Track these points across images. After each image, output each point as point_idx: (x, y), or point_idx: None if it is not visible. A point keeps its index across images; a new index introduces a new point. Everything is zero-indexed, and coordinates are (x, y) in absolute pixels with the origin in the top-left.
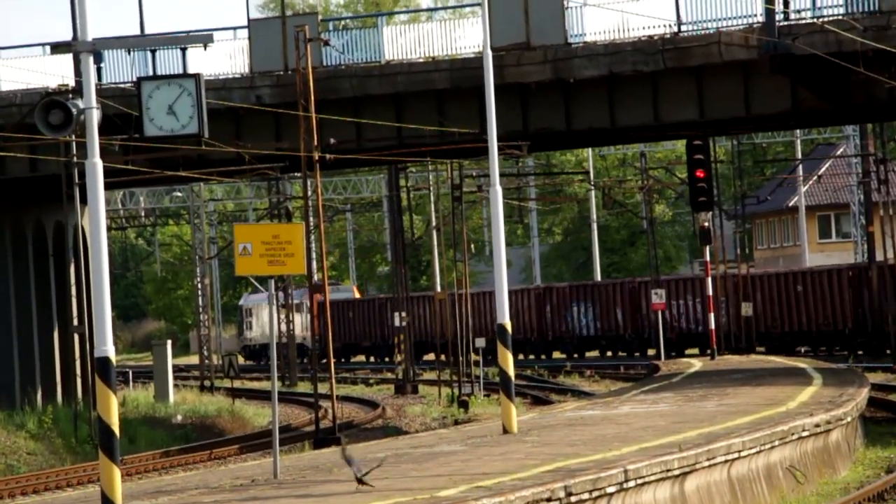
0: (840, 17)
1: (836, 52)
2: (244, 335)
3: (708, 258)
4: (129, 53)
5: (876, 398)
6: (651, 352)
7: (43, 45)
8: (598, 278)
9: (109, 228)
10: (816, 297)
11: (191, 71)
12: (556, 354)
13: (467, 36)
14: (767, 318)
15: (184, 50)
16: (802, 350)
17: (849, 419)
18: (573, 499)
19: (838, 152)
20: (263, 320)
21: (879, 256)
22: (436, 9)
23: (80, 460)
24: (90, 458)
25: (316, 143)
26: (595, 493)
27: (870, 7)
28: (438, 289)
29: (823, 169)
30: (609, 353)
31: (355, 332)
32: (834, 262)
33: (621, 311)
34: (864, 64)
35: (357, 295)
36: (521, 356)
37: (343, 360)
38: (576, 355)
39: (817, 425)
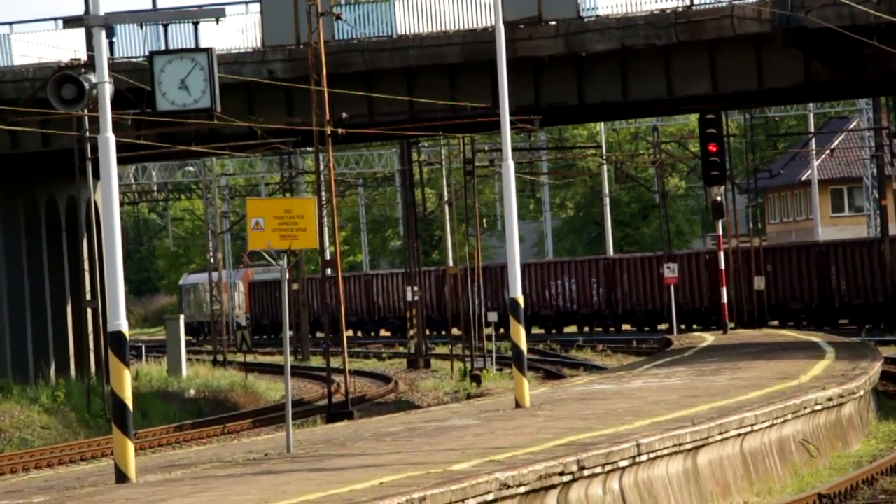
0: None
1: (849, 25)
2: (184, 313)
3: (720, 232)
4: (142, 28)
5: (889, 372)
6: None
7: (55, 19)
8: (611, 252)
9: (122, 203)
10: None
11: (203, 45)
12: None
13: (479, 9)
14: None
15: (196, 24)
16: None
17: (861, 393)
18: (585, 472)
19: (851, 126)
20: (201, 298)
21: (892, 230)
22: None
23: (93, 434)
24: (103, 432)
25: (328, 117)
26: (608, 467)
27: None
28: (451, 263)
29: (836, 143)
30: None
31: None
32: (847, 236)
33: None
34: (877, 37)
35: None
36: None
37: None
38: (586, 328)
39: (830, 399)
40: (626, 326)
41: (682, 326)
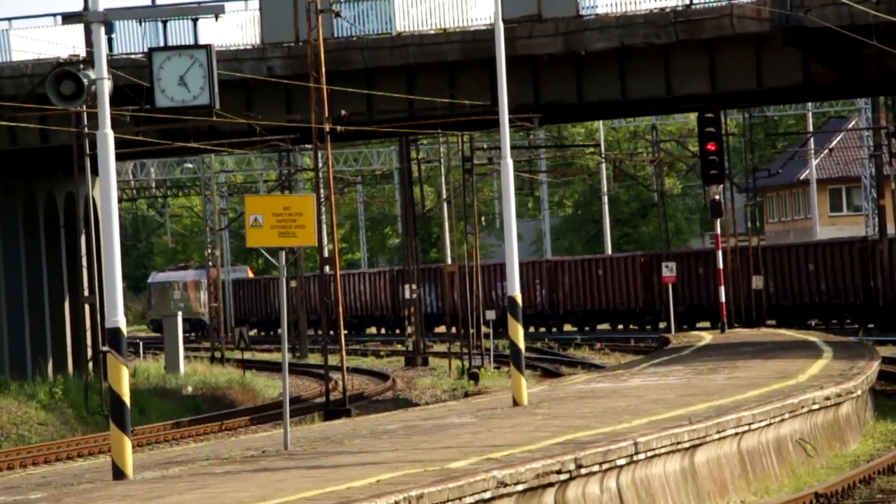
0: None
1: (848, 24)
2: (151, 310)
3: (719, 231)
4: (141, 24)
5: (887, 371)
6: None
7: (54, 15)
8: (609, 251)
9: (120, 199)
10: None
11: (202, 42)
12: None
13: (479, 8)
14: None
15: (195, 21)
16: (812, 323)
17: (859, 392)
18: (583, 471)
19: (850, 125)
20: (170, 297)
21: (890, 230)
22: None
23: (90, 431)
24: (101, 428)
25: (327, 114)
26: (605, 466)
27: None
28: (449, 261)
29: (835, 142)
30: (620, 326)
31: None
32: (845, 235)
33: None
34: (876, 37)
35: (251, 275)
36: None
37: (272, 332)
38: (587, 328)
39: (827, 398)
40: (567, 327)
41: (620, 326)
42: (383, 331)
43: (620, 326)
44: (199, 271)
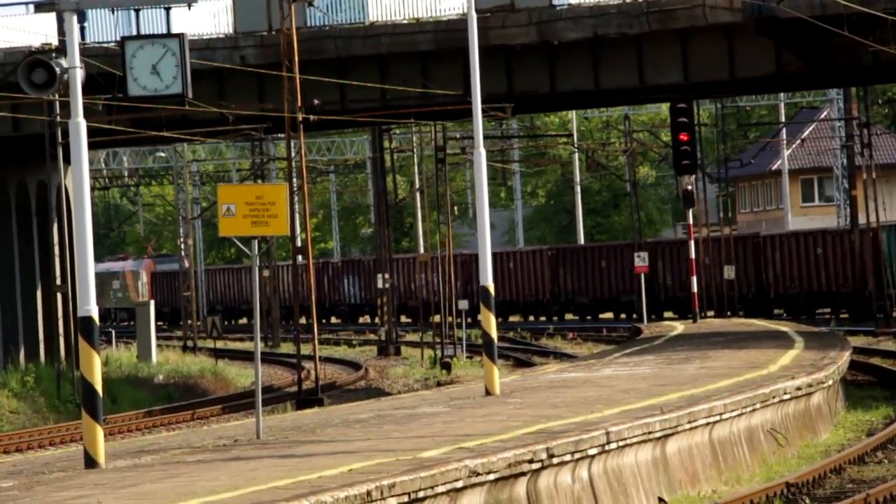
0: None
1: (820, 15)
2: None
3: (691, 221)
4: (113, 13)
5: (857, 361)
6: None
7: (26, 3)
8: (582, 241)
9: (93, 188)
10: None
11: (174, 31)
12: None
13: None
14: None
15: (168, 9)
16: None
17: (830, 382)
18: (555, 460)
19: (822, 116)
20: (107, 287)
21: (862, 220)
22: None
23: (63, 419)
24: (73, 417)
25: (300, 104)
26: (577, 455)
27: None
28: (422, 251)
29: (807, 133)
30: (589, 317)
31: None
32: (817, 225)
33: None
34: (848, 27)
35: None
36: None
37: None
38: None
39: (799, 388)
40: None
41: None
42: (369, 319)
43: (589, 317)
44: (137, 262)
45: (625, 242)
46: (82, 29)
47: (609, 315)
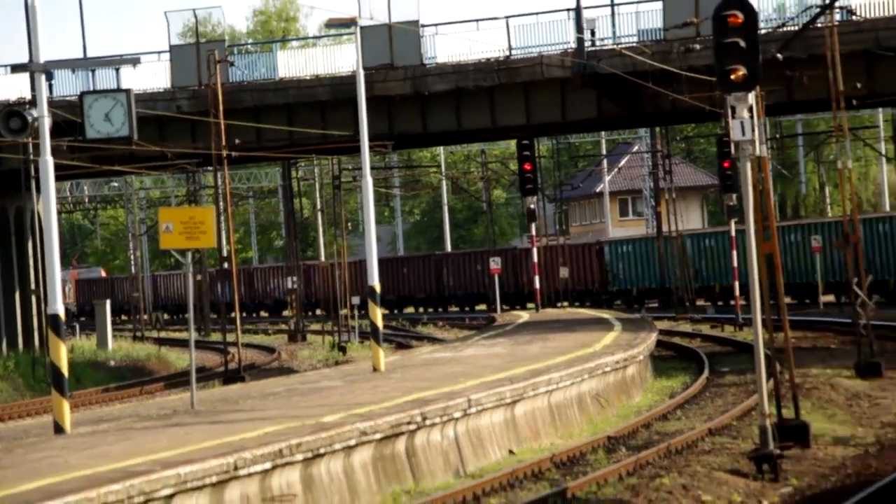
0: (634, 45)
1: (631, 71)
2: None
3: (534, 233)
4: (74, 72)
5: (662, 341)
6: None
7: (4, 66)
8: (449, 249)
9: (59, 212)
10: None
11: (123, 86)
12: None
13: (344, 58)
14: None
15: (118, 69)
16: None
17: (641, 357)
18: (427, 422)
19: (634, 149)
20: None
21: (665, 229)
22: (319, 36)
23: (37, 395)
24: (45, 393)
25: (224, 143)
26: (445, 418)
27: (656, 36)
28: (322, 258)
29: (623, 162)
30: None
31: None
32: (631, 234)
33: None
34: (653, 81)
35: (104, 275)
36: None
37: (174, 316)
38: (431, 309)
39: (617, 362)
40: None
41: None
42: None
43: (456, 308)
44: (64, 271)
45: (482, 249)
46: (50, 85)
47: (460, 308)
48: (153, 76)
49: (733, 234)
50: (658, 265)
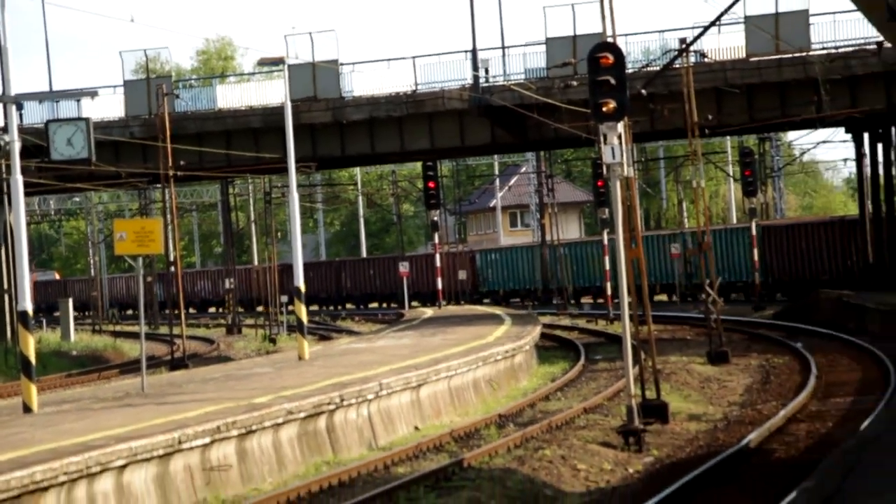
0: (521, 81)
1: (519, 104)
2: None
3: (437, 241)
4: (41, 103)
5: (546, 333)
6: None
7: None
8: (364, 255)
9: (28, 223)
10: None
11: (84, 115)
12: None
13: (274, 91)
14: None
15: (79, 100)
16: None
17: (528, 347)
18: (345, 403)
19: (522, 170)
20: None
21: (548, 238)
22: (253, 73)
23: (9, 380)
24: (16, 379)
25: (171, 164)
26: (360, 399)
27: (540, 74)
28: (256, 263)
29: (513, 181)
30: (375, 305)
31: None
32: (518, 242)
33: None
34: (537, 112)
35: (58, 277)
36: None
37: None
38: (362, 305)
39: (507, 352)
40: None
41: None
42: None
43: (374, 305)
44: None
45: (393, 255)
46: (20, 114)
47: (382, 304)
48: (110, 106)
49: (606, 242)
50: (518, 270)
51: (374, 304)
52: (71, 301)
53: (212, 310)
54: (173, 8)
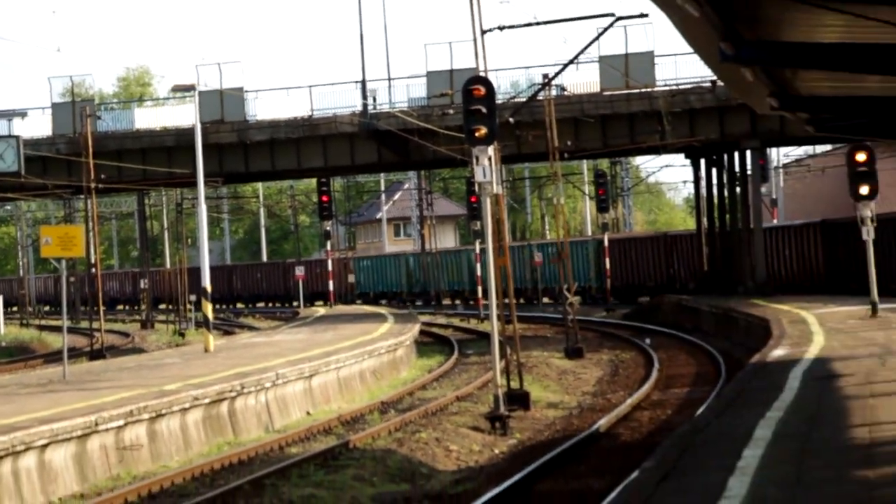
0: (405, 108)
1: (403, 128)
2: None
3: (329, 248)
4: None
5: (424, 330)
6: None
7: None
8: (265, 259)
9: None
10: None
11: (14, 133)
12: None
13: (186, 114)
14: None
15: (10, 120)
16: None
17: (408, 342)
18: (245, 391)
19: (405, 186)
20: None
21: (428, 246)
22: (167, 98)
23: None
24: None
25: (93, 177)
26: (258, 388)
27: (421, 102)
28: (168, 265)
29: (397, 196)
30: (274, 304)
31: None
32: (401, 250)
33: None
34: (418, 136)
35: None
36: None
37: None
38: (251, 304)
39: (390, 346)
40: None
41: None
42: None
43: (273, 304)
44: None
45: (279, 261)
46: None
47: (268, 304)
48: (38, 126)
49: (478, 251)
50: (387, 275)
51: (262, 304)
52: (1, 298)
53: (119, 307)
54: (97, 38)
